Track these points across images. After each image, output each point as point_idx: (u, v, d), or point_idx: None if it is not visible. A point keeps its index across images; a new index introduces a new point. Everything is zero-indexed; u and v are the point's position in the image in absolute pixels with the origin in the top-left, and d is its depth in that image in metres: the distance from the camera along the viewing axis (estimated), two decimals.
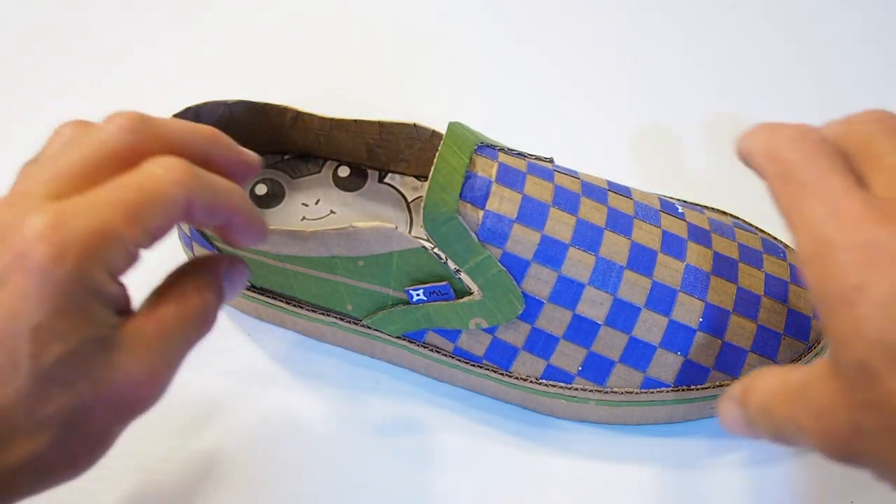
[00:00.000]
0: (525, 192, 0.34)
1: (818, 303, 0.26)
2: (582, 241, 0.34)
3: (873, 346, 0.23)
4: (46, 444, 0.23)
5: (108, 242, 0.23)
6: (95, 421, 0.24)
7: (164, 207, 0.24)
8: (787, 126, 0.28)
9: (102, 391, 0.24)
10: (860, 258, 0.24)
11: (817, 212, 0.25)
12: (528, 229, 0.34)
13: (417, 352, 0.37)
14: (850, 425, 0.24)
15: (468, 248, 0.33)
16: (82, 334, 0.23)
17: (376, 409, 0.39)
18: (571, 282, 0.34)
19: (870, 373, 0.23)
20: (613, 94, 0.51)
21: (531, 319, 0.34)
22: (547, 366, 0.35)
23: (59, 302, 0.22)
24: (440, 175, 0.33)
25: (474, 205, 0.33)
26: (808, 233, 0.25)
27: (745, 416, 0.29)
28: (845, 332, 0.24)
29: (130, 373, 0.24)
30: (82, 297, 0.23)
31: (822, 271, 0.25)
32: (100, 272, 0.23)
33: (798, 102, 0.50)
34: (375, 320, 0.36)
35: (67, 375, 0.23)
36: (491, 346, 0.35)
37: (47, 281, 0.22)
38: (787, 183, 0.27)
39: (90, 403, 0.24)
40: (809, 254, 0.25)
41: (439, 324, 0.35)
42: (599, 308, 0.34)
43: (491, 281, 0.34)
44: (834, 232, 0.25)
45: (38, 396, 0.23)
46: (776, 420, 0.27)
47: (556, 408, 0.37)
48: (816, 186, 0.26)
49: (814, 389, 0.26)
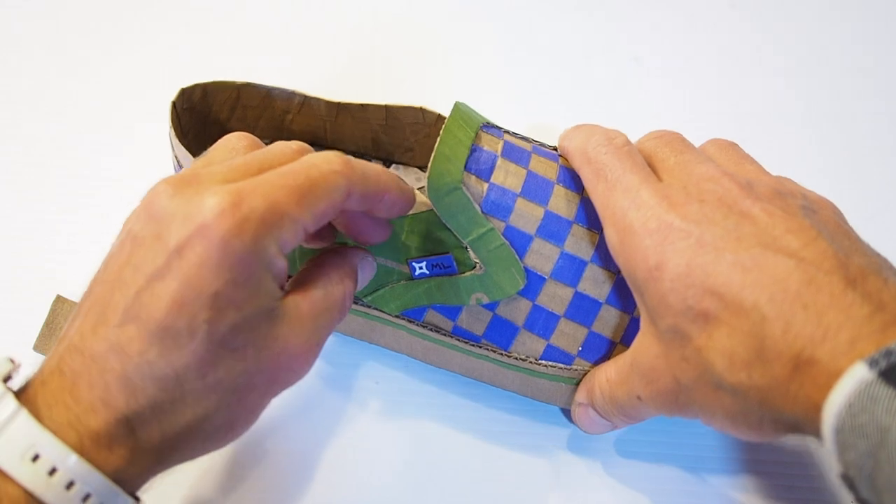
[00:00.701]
0: (530, 167, 0.34)
1: (631, 284, 0.31)
2: (586, 219, 0.34)
3: (679, 314, 0.28)
4: (212, 408, 0.25)
5: (281, 220, 0.25)
6: (256, 388, 0.26)
7: (329, 193, 0.26)
8: (598, 131, 0.34)
9: (265, 359, 0.25)
10: (656, 241, 0.29)
11: (620, 203, 0.30)
12: (532, 204, 0.34)
13: (416, 332, 0.37)
14: (674, 381, 0.29)
15: (471, 220, 0.33)
16: (254, 303, 0.25)
17: (375, 405, 0.39)
18: (574, 258, 0.34)
19: (681, 335, 0.28)
20: (614, 94, 0.52)
21: (532, 296, 0.34)
22: (547, 346, 0.35)
23: (236, 272, 0.24)
24: (445, 146, 0.33)
25: (479, 177, 0.33)
26: (614, 225, 0.31)
27: (598, 413, 0.34)
28: (657, 305, 0.29)
29: (289, 344, 0.26)
30: (256, 269, 0.24)
31: (630, 256, 0.30)
32: (272, 246, 0.25)
33: (798, 102, 0.50)
34: (376, 297, 0.36)
35: (238, 342, 0.24)
36: (490, 324, 0.35)
37: (227, 252, 0.24)
38: (599, 180, 0.32)
39: (254, 370, 0.25)
40: (618, 245, 0.31)
41: (440, 300, 0.35)
42: (601, 287, 0.34)
43: (493, 254, 0.33)
44: (634, 219, 0.30)
45: (211, 361, 0.24)
46: (620, 401, 0.32)
47: (555, 394, 0.36)
48: (620, 181, 0.31)
49: (640, 360, 0.30)
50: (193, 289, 0.23)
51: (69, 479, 0.23)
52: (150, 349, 0.23)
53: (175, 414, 0.24)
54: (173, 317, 0.23)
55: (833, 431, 0.23)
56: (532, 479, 0.37)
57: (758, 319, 0.26)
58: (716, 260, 0.27)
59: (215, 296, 0.24)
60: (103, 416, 0.23)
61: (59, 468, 0.23)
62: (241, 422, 0.26)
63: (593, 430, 0.34)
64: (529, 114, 0.51)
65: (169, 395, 0.24)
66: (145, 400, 0.24)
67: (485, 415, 0.38)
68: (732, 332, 0.26)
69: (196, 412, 0.24)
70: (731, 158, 0.32)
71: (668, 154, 0.33)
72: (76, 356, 0.24)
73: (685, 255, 0.28)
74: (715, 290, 0.27)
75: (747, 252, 0.27)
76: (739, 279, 0.26)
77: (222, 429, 0.26)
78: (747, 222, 0.28)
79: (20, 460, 0.22)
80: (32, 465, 0.22)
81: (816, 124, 0.48)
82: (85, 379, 0.24)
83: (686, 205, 0.29)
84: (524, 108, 0.51)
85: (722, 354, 0.27)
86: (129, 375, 0.23)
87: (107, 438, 0.23)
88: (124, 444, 0.24)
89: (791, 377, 0.25)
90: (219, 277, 0.24)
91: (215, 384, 0.24)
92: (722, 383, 0.27)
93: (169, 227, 0.24)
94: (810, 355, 0.24)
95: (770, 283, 0.26)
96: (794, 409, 0.25)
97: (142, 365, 0.23)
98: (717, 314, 0.27)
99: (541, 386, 0.36)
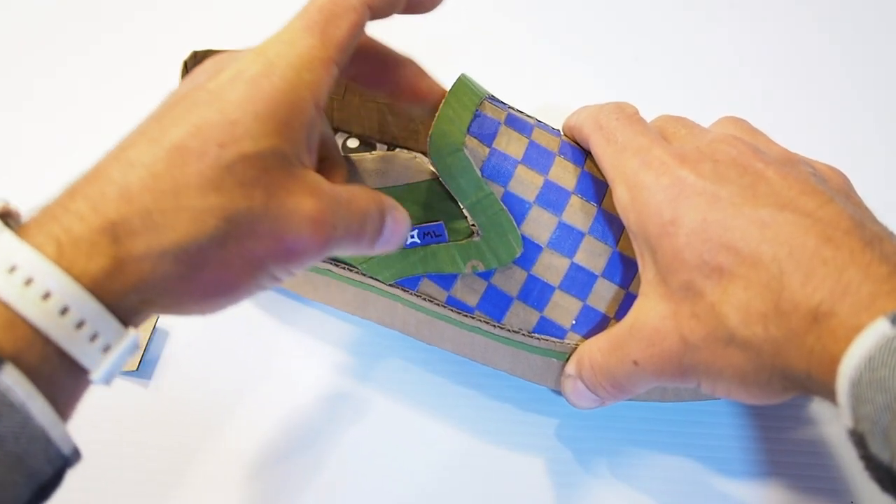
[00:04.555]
0: (532, 137, 0.35)
1: (642, 243, 0.30)
2: (585, 191, 0.34)
3: (694, 269, 0.28)
4: (206, 234, 0.24)
5: (310, 62, 0.26)
6: (258, 238, 0.25)
7: (348, 16, 0.27)
8: (609, 104, 0.34)
9: (273, 209, 0.25)
10: (670, 195, 0.29)
11: (631, 162, 0.31)
12: (533, 172, 0.34)
13: (410, 302, 0.36)
14: (680, 341, 0.28)
15: (471, 183, 0.33)
16: (273, 143, 0.25)
17: (367, 395, 0.39)
18: (572, 229, 0.34)
19: (694, 291, 0.28)
20: (614, 95, 0.52)
21: (528, 265, 0.34)
22: (540, 318, 0.34)
23: (259, 107, 0.24)
24: (449, 108, 0.33)
25: (481, 141, 0.33)
26: (625, 184, 0.31)
27: (585, 385, 0.33)
28: (670, 261, 0.28)
29: (301, 207, 0.25)
30: (283, 111, 0.25)
31: (642, 212, 0.29)
32: (305, 93, 0.25)
33: (798, 101, 0.50)
34: (371, 265, 0.36)
35: (247, 176, 0.24)
36: (485, 295, 0.35)
37: (256, 89, 0.25)
38: (609, 144, 0.32)
39: (259, 215, 0.24)
40: (629, 201, 0.30)
41: (435, 268, 0.35)
42: (598, 259, 0.34)
43: (491, 220, 0.33)
44: (646, 176, 0.30)
45: (215, 184, 0.24)
46: (612, 369, 0.31)
47: (546, 371, 0.36)
48: (631, 144, 0.31)
49: (643, 322, 0.30)
50: (216, 114, 0.24)
51: (45, 288, 0.22)
52: (157, 163, 0.23)
53: (165, 229, 0.23)
54: (188, 138, 0.24)
55: (849, 384, 0.23)
56: (528, 479, 0.36)
57: (776, 273, 0.26)
58: (733, 215, 0.27)
59: (234, 123, 0.24)
60: (89, 222, 0.23)
61: (36, 278, 0.22)
62: (231, 275, 0.25)
63: (581, 403, 0.34)
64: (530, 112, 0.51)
65: (163, 206, 0.23)
66: (137, 207, 0.23)
67: (471, 392, 0.38)
68: (749, 286, 0.26)
69: (188, 232, 0.23)
70: (744, 130, 0.33)
71: (679, 127, 0.33)
72: (84, 178, 0.24)
73: (700, 211, 0.28)
74: (731, 244, 0.27)
75: (764, 209, 0.27)
76: (757, 234, 0.27)
77: (212, 275, 0.24)
78: (762, 182, 0.28)
79: (5, 275, 0.22)
80: (9, 276, 0.22)
81: (817, 124, 0.49)
82: (82, 192, 0.23)
83: (700, 162, 0.29)
84: (525, 108, 0.51)
85: (737, 308, 0.26)
86: (128, 184, 0.23)
87: (88, 244, 0.22)
88: (105, 253, 0.23)
89: (808, 329, 0.25)
90: (240, 109, 0.24)
91: (215, 208, 0.24)
92: (734, 338, 0.27)
93: (198, 75, 0.26)
94: (829, 308, 0.24)
95: (788, 239, 0.26)
96: (808, 364, 0.25)
97: (145, 176, 0.23)
98: (732, 269, 0.27)
99: (532, 362, 0.35)
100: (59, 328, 0.22)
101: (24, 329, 0.22)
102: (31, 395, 0.21)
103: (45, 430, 0.22)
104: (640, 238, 0.30)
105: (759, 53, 0.52)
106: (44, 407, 0.22)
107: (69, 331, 0.22)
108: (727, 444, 0.37)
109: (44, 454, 0.22)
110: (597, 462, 0.37)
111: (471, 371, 0.39)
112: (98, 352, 0.23)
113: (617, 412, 0.38)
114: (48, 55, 0.53)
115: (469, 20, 0.55)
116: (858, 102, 0.50)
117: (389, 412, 0.39)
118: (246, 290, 0.25)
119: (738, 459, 0.37)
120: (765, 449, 0.37)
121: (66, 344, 0.22)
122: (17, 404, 0.21)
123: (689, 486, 0.36)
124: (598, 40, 0.54)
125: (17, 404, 0.21)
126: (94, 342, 0.23)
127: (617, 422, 0.38)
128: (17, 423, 0.21)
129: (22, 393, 0.21)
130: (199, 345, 0.41)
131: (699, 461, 0.37)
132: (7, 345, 0.21)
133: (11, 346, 0.21)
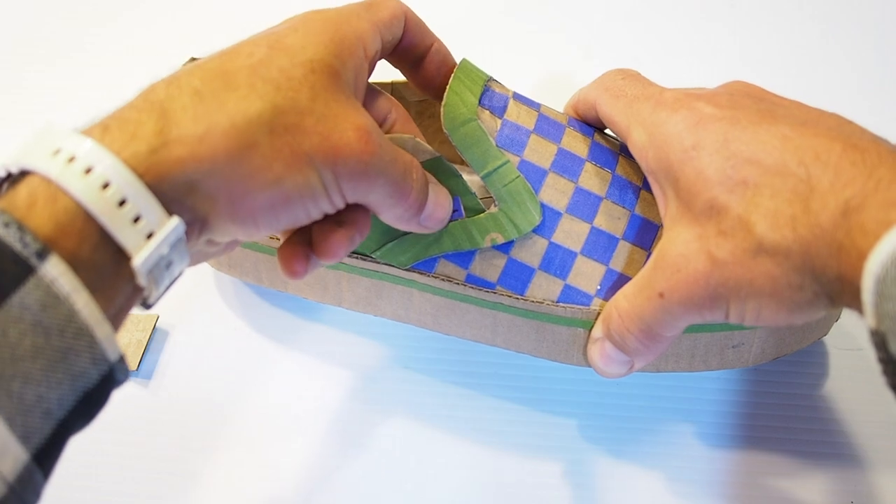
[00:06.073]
0: (541, 111, 0.35)
1: (662, 178, 0.31)
2: (598, 158, 0.35)
3: (718, 185, 0.28)
4: (250, 112, 0.24)
5: (359, 17, 0.29)
6: (302, 133, 0.25)
7: (388, 4, 0.31)
8: (609, 70, 0.36)
9: (318, 108, 0.25)
10: (689, 123, 0.29)
11: (645, 106, 0.31)
12: (546, 141, 0.34)
13: (428, 286, 0.36)
14: (708, 259, 0.28)
15: (486, 152, 0.33)
16: (321, 55, 0.26)
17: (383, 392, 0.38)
18: (589, 193, 0.34)
19: (719, 207, 0.28)
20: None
21: (548, 233, 0.34)
22: (564, 286, 0.34)
23: (311, 27, 0.27)
24: (459, 82, 0.34)
25: (493, 113, 0.34)
26: (641, 125, 0.31)
27: (614, 342, 0.32)
28: (693, 183, 0.29)
29: (348, 118, 0.26)
30: (333, 32, 0.27)
31: (662, 145, 0.30)
32: (353, 35, 0.28)
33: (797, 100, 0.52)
34: (385, 252, 0.35)
35: (294, 73, 0.26)
36: (505, 269, 0.34)
37: (308, 17, 0.28)
38: (619, 98, 0.33)
39: (303, 109, 0.25)
40: (647, 141, 0.31)
41: (451, 247, 0.34)
42: (617, 222, 0.34)
43: (508, 188, 0.33)
44: (662, 113, 0.30)
45: (261, 75, 0.25)
46: (640, 310, 0.31)
47: (572, 344, 0.35)
48: (642, 93, 0.32)
49: (667, 251, 0.29)
50: (268, 33, 0.27)
51: (88, 163, 0.22)
52: (208, 61, 0.25)
53: (213, 103, 0.24)
54: (241, 45, 0.26)
55: (874, 281, 0.23)
56: (528, 479, 0.36)
57: (804, 176, 0.26)
58: (754, 132, 0.28)
59: (285, 35, 0.27)
60: (135, 104, 0.24)
61: (78, 155, 0.22)
62: (280, 164, 0.25)
63: (610, 368, 0.33)
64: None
65: (212, 87, 0.24)
66: (186, 87, 0.24)
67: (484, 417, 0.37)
68: (775, 193, 0.26)
69: (238, 107, 0.24)
70: (753, 87, 0.34)
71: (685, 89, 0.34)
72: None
73: (721, 132, 0.28)
74: (754, 158, 0.27)
75: (785, 126, 0.28)
76: (780, 145, 0.27)
77: (260, 159, 0.24)
78: (779, 107, 0.29)
79: (49, 158, 0.22)
80: (54, 156, 0.22)
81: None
82: (134, 97, 0.24)
83: (715, 95, 0.30)
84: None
85: (764, 216, 0.26)
86: (177, 76, 0.25)
87: (134, 124, 0.23)
88: (151, 130, 0.23)
89: (838, 225, 0.25)
90: (292, 27, 0.27)
91: (262, 94, 0.25)
92: (763, 246, 0.26)
93: (275, 28, 0.28)
94: (860, 203, 0.24)
95: (814, 145, 0.26)
96: (838, 262, 0.25)
97: (193, 68, 0.25)
98: (757, 179, 0.27)
99: (557, 335, 0.35)
100: (101, 202, 0.22)
101: (65, 202, 0.21)
102: (76, 287, 0.21)
103: (89, 326, 0.21)
104: (660, 174, 0.30)
105: (759, 53, 0.54)
106: (88, 301, 0.21)
107: (111, 207, 0.22)
108: (728, 444, 0.37)
109: (88, 353, 0.21)
110: (604, 463, 0.37)
111: (471, 371, 0.39)
112: (141, 236, 0.22)
113: (627, 412, 0.38)
114: (45, 53, 0.53)
115: (469, 20, 0.56)
116: (858, 102, 0.51)
117: (389, 412, 0.38)
118: (295, 188, 0.25)
119: (738, 459, 0.36)
120: (767, 447, 0.37)
121: (107, 221, 0.22)
122: (63, 296, 0.20)
123: (690, 486, 0.36)
124: (597, 40, 0.55)
125: (63, 296, 0.20)
126: (136, 224, 0.22)
127: (627, 423, 0.38)
128: (63, 315, 0.20)
129: (67, 284, 0.20)
130: (199, 345, 0.40)
131: (700, 461, 0.37)
132: (48, 223, 0.21)
133: (52, 224, 0.21)
